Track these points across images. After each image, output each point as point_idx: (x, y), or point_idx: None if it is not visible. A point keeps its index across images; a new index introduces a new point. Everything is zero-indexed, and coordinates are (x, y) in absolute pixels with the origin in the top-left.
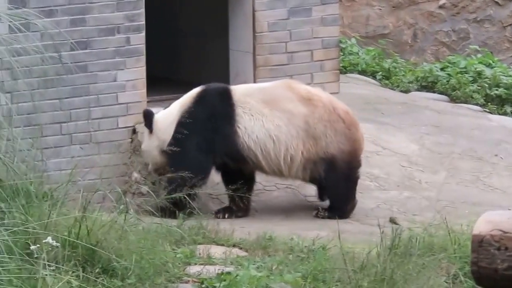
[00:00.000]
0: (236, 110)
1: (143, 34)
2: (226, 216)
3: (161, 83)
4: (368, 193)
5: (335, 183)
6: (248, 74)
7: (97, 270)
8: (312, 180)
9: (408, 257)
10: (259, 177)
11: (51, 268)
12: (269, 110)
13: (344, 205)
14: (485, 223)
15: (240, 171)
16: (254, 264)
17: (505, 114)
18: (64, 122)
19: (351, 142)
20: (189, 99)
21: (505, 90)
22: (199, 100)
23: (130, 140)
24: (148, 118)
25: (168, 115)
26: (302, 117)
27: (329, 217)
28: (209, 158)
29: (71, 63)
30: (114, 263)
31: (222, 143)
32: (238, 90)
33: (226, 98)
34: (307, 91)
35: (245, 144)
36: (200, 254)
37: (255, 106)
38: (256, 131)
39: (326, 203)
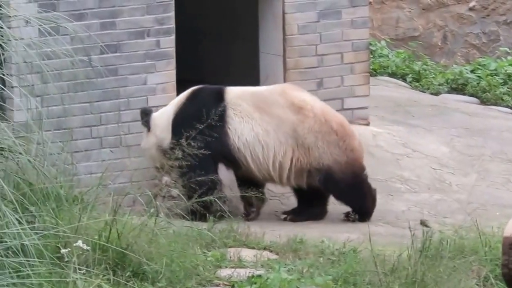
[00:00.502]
0: (227, 111)
1: (173, 37)
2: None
3: (190, 86)
4: (398, 196)
5: (343, 193)
6: (278, 76)
7: (127, 274)
8: (312, 187)
9: (439, 260)
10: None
11: (82, 271)
12: (259, 114)
13: (364, 207)
14: None
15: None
16: (284, 267)
17: None
18: (94, 126)
19: (348, 153)
20: (183, 97)
21: None
22: (191, 98)
23: None
24: (145, 116)
25: (164, 114)
26: (290, 124)
27: (360, 221)
28: (208, 157)
29: (101, 66)
30: (145, 267)
31: (216, 142)
32: (231, 92)
33: (218, 99)
34: (300, 99)
35: (235, 145)
36: (230, 257)
37: (246, 109)
38: (245, 133)
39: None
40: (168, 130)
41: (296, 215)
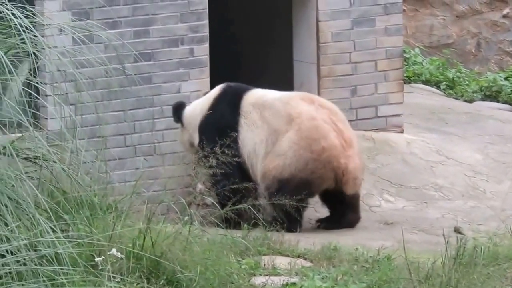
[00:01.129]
0: (239, 120)
1: (207, 45)
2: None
3: None
4: (433, 203)
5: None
6: (313, 84)
7: (161, 282)
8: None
9: (473, 267)
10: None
11: (116, 280)
12: (261, 123)
13: (288, 227)
14: None
15: None
16: (319, 275)
17: None
18: (128, 134)
19: (313, 170)
20: (211, 98)
21: None
22: (216, 102)
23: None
24: (177, 111)
25: (194, 112)
26: (278, 135)
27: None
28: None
29: (135, 74)
30: (179, 275)
31: (234, 151)
32: (248, 99)
33: (235, 105)
34: (298, 111)
35: (244, 155)
36: (265, 265)
37: (254, 117)
38: (249, 143)
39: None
40: (197, 132)
41: (329, 223)
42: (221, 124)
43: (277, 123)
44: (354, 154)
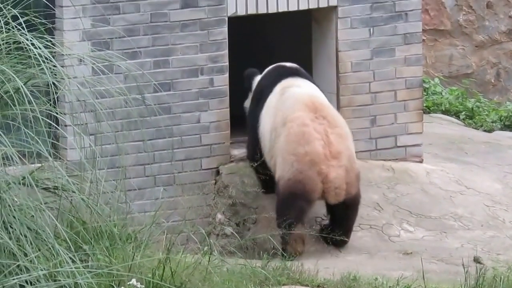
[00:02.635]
0: (267, 99)
1: (227, 75)
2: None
3: (244, 123)
4: (452, 233)
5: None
6: None
7: None
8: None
9: None
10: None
11: None
12: (272, 113)
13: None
14: None
15: None
16: None
17: None
18: (148, 164)
19: (299, 170)
20: (266, 71)
21: None
22: (267, 74)
23: (213, 181)
24: (248, 78)
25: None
26: (276, 135)
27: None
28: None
29: (154, 104)
30: None
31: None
32: (283, 83)
33: (272, 85)
34: (296, 115)
35: (259, 132)
36: None
37: (272, 103)
38: (262, 125)
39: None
40: None
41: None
42: (258, 98)
43: (277, 121)
44: (338, 166)
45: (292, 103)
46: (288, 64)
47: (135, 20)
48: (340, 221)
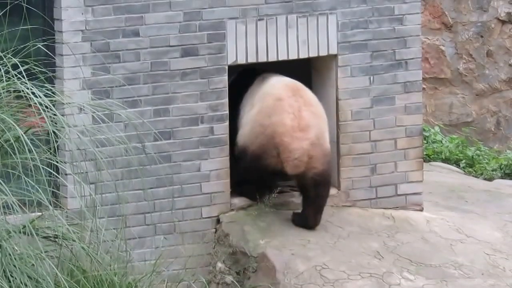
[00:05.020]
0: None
1: (227, 123)
2: None
3: None
4: (452, 281)
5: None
6: (333, 162)
7: None
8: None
9: None
10: (338, 262)
11: None
12: (253, 95)
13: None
14: None
15: None
16: None
17: None
18: (148, 213)
19: (261, 143)
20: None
21: None
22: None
23: (214, 230)
24: None
25: None
26: (252, 108)
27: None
28: None
29: (154, 153)
30: None
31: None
32: (263, 76)
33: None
34: (271, 91)
35: None
36: None
37: (252, 92)
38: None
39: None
40: None
41: (297, 219)
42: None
43: (256, 98)
44: (303, 139)
45: (273, 83)
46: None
47: (135, 68)
48: (310, 200)
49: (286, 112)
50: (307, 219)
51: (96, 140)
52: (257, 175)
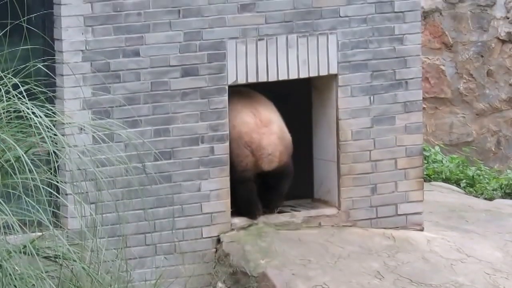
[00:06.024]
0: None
1: (227, 144)
2: None
3: None
4: None
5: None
6: (333, 182)
7: None
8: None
9: None
10: None
11: None
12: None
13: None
14: None
15: None
16: None
17: None
18: (149, 233)
19: (231, 150)
20: None
21: None
22: None
23: (214, 250)
24: None
25: None
26: None
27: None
28: None
29: (155, 173)
30: None
31: None
32: None
33: None
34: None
35: None
36: None
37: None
38: None
39: None
40: None
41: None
42: None
43: None
44: (270, 133)
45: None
46: None
47: (135, 88)
48: (274, 189)
49: (243, 112)
50: (270, 203)
51: (97, 160)
52: (242, 186)
